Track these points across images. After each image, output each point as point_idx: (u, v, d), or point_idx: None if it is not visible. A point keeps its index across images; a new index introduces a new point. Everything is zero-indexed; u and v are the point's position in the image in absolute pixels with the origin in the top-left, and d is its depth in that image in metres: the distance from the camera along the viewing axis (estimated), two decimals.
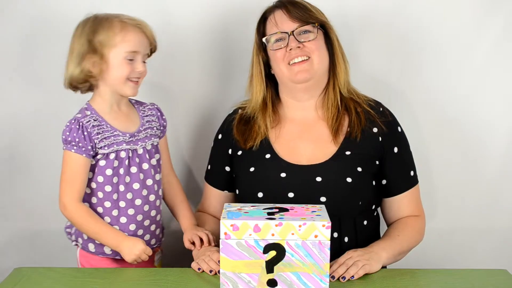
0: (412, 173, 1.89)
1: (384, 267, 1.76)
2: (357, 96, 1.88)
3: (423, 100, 2.16)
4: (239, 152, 1.88)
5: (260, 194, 1.80)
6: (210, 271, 1.65)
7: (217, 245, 1.75)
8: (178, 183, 1.94)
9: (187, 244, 1.82)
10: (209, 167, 1.98)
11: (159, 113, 1.89)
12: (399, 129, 1.89)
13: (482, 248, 2.24)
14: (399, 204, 1.88)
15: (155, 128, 1.85)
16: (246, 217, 1.49)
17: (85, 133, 1.72)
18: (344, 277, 1.61)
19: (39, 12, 2.07)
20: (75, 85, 1.76)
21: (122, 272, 1.67)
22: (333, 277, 1.61)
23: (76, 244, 1.84)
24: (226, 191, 1.95)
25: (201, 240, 1.79)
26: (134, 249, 1.73)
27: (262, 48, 1.87)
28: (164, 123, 1.89)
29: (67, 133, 1.73)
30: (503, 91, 2.15)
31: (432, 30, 2.11)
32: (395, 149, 1.85)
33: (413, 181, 1.89)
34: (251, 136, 1.86)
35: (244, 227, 1.47)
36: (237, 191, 1.90)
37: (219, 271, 1.57)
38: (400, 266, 1.81)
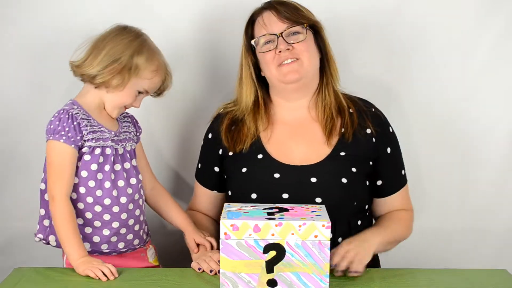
0: (403, 172, 1.90)
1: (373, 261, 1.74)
2: (349, 97, 1.88)
3: (423, 101, 2.15)
4: (230, 153, 1.86)
5: (253, 195, 1.78)
6: (210, 271, 1.65)
7: (217, 248, 1.75)
8: (163, 188, 1.92)
9: (193, 245, 1.81)
10: (199, 166, 1.96)
11: (134, 120, 1.88)
12: (391, 130, 1.89)
13: (482, 248, 2.24)
14: (392, 203, 1.89)
15: (132, 133, 1.84)
16: (246, 217, 1.49)
17: (75, 123, 1.69)
18: (349, 271, 1.60)
19: (39, 13, 2.06)
20: (84, 79, 1.74)
21: (121, 272, 1.66)
22: (333, 269, 1.60)
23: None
24: (215, 191, 1.95)
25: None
26: (89, 264, 1.63)
27: (251, 51, 1.84)
28: (140, 130, 1.89)
29: (57, 123, 1.69)
30: (504, 91, 2.15)
31: (432, 30, 2.11)
32: (388, 150, 1.85)
33: (405, 180, 1.91)
34: (240, 139, 1.84)
35: (244, 227, 1.47)
36: (229, 192, 1.88)
37: (219, 271, 1.57)
38: (400, 266, 1.81)
